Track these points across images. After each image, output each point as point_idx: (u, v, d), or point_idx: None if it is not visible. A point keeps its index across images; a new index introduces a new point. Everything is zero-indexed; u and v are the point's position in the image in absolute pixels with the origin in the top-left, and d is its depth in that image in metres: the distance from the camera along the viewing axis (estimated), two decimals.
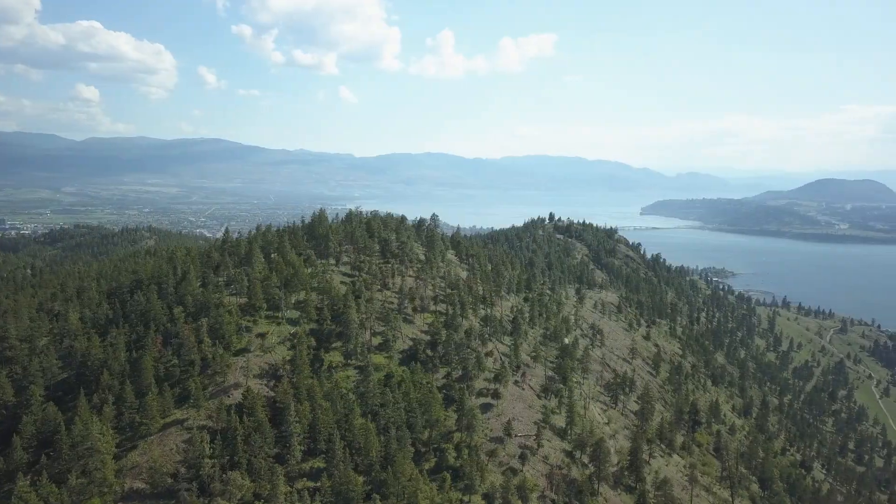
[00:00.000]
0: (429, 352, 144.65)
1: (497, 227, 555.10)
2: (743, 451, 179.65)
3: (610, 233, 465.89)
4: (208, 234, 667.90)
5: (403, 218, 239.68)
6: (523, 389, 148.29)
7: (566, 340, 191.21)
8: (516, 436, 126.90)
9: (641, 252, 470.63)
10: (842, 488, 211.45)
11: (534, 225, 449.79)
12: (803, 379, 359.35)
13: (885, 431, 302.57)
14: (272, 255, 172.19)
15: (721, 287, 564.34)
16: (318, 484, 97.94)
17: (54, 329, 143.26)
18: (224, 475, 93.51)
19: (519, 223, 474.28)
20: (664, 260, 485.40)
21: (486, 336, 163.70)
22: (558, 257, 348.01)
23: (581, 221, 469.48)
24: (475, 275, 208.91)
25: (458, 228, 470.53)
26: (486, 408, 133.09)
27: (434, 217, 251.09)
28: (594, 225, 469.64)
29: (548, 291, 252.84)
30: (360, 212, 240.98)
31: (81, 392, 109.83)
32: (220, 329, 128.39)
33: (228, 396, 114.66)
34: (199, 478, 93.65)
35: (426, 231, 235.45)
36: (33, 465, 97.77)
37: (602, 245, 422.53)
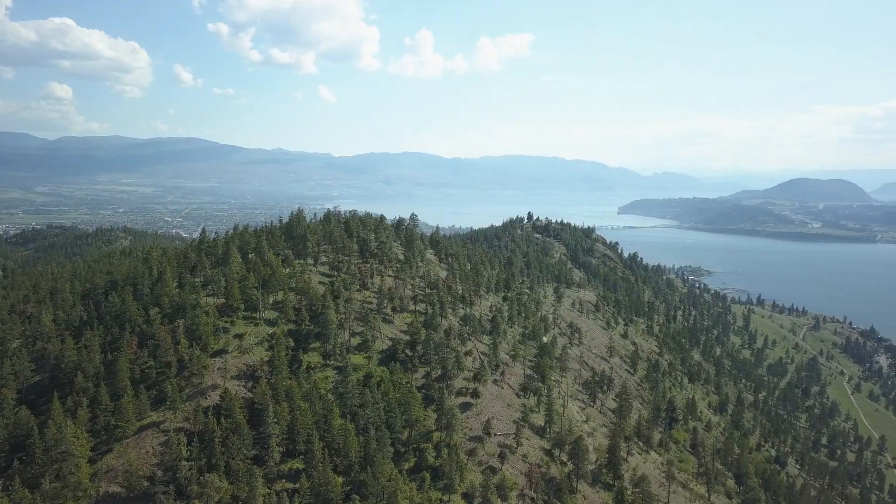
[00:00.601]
0: (408, 351, 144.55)
1: (476, 227, 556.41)
2: (719, 448, 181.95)
3: (587, 232, 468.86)
4: (185, 235, 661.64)
5: (382, 218, 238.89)
6: (502, 388, 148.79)
7: (545, 339, 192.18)
8: (495, 434, 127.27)
9: (619, 251, 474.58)
10: (815, 483, 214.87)
11: (512, 224, 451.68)
12: (777, 376, 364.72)
13: (857, 427, 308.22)
14: (250, 256, 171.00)
15: (697, 285, 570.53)
16: (297, 485, 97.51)
17: (27, 331, 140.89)
18: (201, 477, 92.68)
19: (498, 223, 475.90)
20: (641, 259, 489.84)
21: (466, 335, 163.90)
22: (537, 257, 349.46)
23: (559, 221, 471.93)
24: (454, 274, 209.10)
25: (438, 228, 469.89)
26: (465, 407, 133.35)
27: (413, 217, 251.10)
28: (572, 224, 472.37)
29: (526, 291, 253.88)
30: (339, 211, 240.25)
31: (55, 395, 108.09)
32: (196, 330, 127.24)
33: (206, 398, 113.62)
34: (175, 480, 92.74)
35: (405, 231, 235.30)
36: (6, 470, 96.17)
37: (580, 244, 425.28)
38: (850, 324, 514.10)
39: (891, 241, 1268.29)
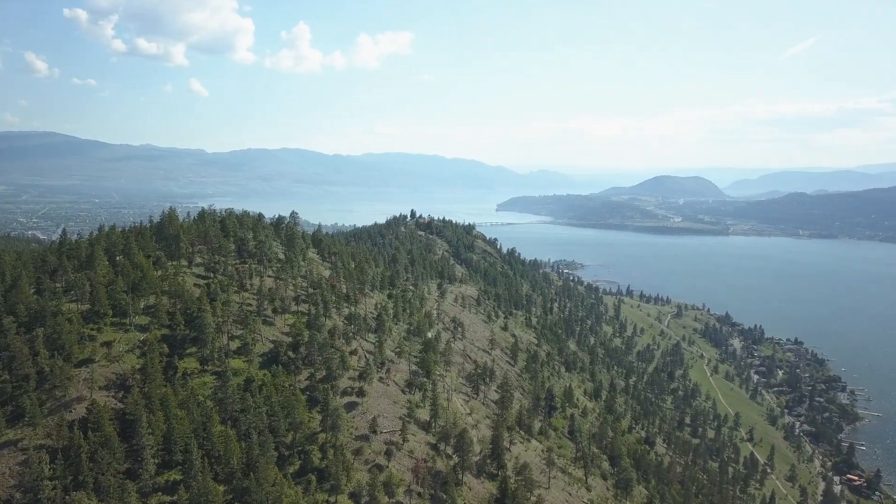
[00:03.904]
0: (291, 353, 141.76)
1: (359, 225, 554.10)
2: (594, 432, 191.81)
3: (468, 229, 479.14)
4: (42, 237, 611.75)
5: (261, 216, 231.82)
6: (388, 386, 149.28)
7: (429, 335, 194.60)
8: (382, 432, 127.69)
9: (498, 247, 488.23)
10: (680, 460, 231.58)
11: (396, 222, 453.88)
12: (646, 361, 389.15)
13: (715, 405, 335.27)
14: (117, 258, 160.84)
15: (571, 278, 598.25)
16: (175, 497, 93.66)
17: None
18: (67, 497, 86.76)
19: (381, 220, 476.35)
20: (519, 254, 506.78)
21: (351, 334, 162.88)
22: (420, 254, 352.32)
23: (441, 218, 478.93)
24: (338, 273, 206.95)
25: (320, 226, 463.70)
26: (351, 406, 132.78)
27: (293, 215, 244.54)
28: (453, 222, 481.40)
29: (411, 287, 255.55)
30: (214, 210, 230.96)
31: None
32: (58, 339, 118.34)
33: (70, 411, 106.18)
34: (38, 502, 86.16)
35: (285, 229, 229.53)
36: None
37: (461, 241, 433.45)
38: (708, 310, 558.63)
39: (741, 234, 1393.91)
